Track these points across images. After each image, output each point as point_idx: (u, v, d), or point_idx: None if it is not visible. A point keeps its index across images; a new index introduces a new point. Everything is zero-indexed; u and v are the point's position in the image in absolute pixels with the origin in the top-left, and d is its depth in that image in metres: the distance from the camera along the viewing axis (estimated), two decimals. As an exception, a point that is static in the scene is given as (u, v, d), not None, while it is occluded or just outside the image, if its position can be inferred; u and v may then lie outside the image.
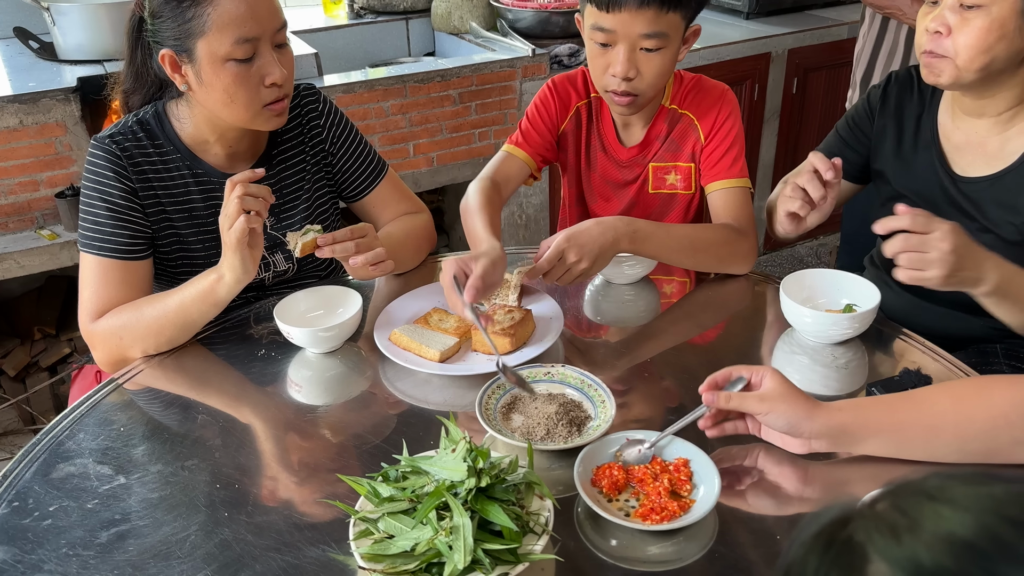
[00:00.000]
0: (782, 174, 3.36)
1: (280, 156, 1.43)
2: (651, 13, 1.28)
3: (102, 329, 1.27)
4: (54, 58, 2.31)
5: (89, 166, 1.30)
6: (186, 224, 1.36)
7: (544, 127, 1.55)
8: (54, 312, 2.52)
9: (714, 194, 1.48)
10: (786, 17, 3.13)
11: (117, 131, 1.32)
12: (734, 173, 1.47)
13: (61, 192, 2.11)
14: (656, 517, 0.90)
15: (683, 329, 1.35)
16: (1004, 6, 1.18)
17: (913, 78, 1.42)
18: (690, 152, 1.51)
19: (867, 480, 0.98)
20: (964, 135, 1.35)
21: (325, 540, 0.92)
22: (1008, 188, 1.30)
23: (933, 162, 1.39)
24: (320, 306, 1.32)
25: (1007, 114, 1.29)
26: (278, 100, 1.27)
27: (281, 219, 1.44)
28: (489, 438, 1.05)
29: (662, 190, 1.56)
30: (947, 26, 1.22)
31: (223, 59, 1.20)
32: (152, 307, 1.26)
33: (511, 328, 1.22)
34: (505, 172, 1.53)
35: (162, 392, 1.22)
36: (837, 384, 1.17)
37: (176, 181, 1.35)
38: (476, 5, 2.74)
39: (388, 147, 2.43)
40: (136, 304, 1.27)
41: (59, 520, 0.97)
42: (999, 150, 1.32)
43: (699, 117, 1.48)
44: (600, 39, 1.34)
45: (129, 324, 1.25)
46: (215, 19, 1.18)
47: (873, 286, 1.26)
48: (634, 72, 1.34)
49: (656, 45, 1.32)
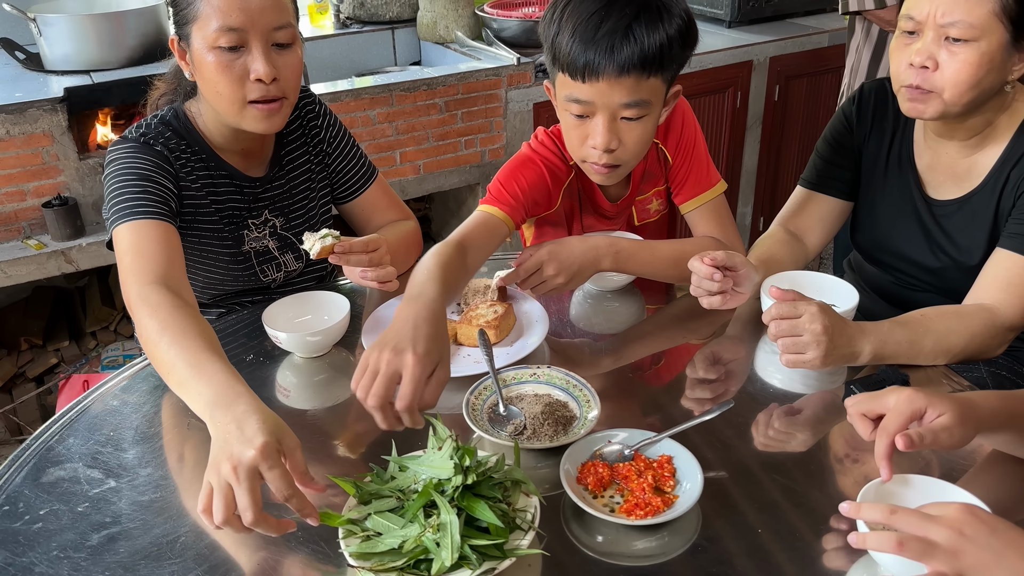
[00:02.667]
0: (765, 180, 3.42)
1: (288, 158, 1.46)
2: (631, 81, 1.19)
3: (140, 315, 1.10)
4: (41, 69, 2.32)
5: (113, 154, 1.28)
6: (203, 220, 1.36)
7: (539, 201, 1.42)
8: (41, 322, 2.52)
9: (692, 213, 1.46)
10: (767, 25, 3.17)
11: (143, 131, 1.31)
12: (705, 185, 1.44)
13: (48, 202, 2.12)
14: (640, 512, 0.92)
15: (667, 331, 1.37)
16: (992, 39, 1.17)
17: (888, 91, 1.40)
18: (663, 175, 1.48)
19: (847, 473, 1.00)
20: (935, 155, 1.36)
21: (314, 539, 0.93)
22: (975, 209, 1.32)
23: (908, 183, 1.40)
24: (308, 311, 1.34)
25: (976, 137, 1.30)
26: (267, 100, 1.25)
27: (290, 220, 1.47)
28: (476, 438, 1.07)
29: (648, 219, 1.54)
30: (934, 60, 1.20)
31: (209, 46, 1.22)
32: (172, 350, 1.04)
33: (495, 321, 1.25)
34: (478, 236, 1.31)
35: (151, 397, 1.22)
36: (816, 382, 1.20)
37: (202, 177, 1.35)
38: (461, 15, 2.77)
39: (375, 155, 2.44)
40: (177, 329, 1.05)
41: (50, 523, 0.97)
42: (967, 172, 1.33)
43: (662, 140, 1.44)
44: (576, 111, 1.24)
45: (150, 340, 1.07)
46: (205, 5, 1.21)
47: (852, 287, 1.29)
48: (616, 143, 1.24)
49: (637, 114, 1.23)
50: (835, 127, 1.47)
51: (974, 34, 1.17)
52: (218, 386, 0.95)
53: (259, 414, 0.89)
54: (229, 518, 0.84)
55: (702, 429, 1.07)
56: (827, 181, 1.47)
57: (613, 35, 1.17)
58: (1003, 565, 0.71)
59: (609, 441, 1.03)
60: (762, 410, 1.14)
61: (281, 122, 1.30)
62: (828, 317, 1.12)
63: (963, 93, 1.20)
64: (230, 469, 0.84)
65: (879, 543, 0.76)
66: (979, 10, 1.16)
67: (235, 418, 0.89)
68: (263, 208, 1.43)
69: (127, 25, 2.29)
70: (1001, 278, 1.23)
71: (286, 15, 1.26)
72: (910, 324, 1.19)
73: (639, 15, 1.18)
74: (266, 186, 1.43)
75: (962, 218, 1.34)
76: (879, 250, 1.47)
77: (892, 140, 1.41)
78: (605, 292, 1.45)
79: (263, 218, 1.44)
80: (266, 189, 1.43)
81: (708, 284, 1.22)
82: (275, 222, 1.45)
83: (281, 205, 1.45)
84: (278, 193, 1.45)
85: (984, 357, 1.23)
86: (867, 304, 1.49)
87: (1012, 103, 1.28)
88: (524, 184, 1.38)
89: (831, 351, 1.12)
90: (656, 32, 1.18)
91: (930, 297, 1.40)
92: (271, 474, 0.84)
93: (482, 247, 1.31)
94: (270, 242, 1.45)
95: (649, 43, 1.17)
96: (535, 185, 1.39)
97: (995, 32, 1.17)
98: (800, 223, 1.48)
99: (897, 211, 1.41)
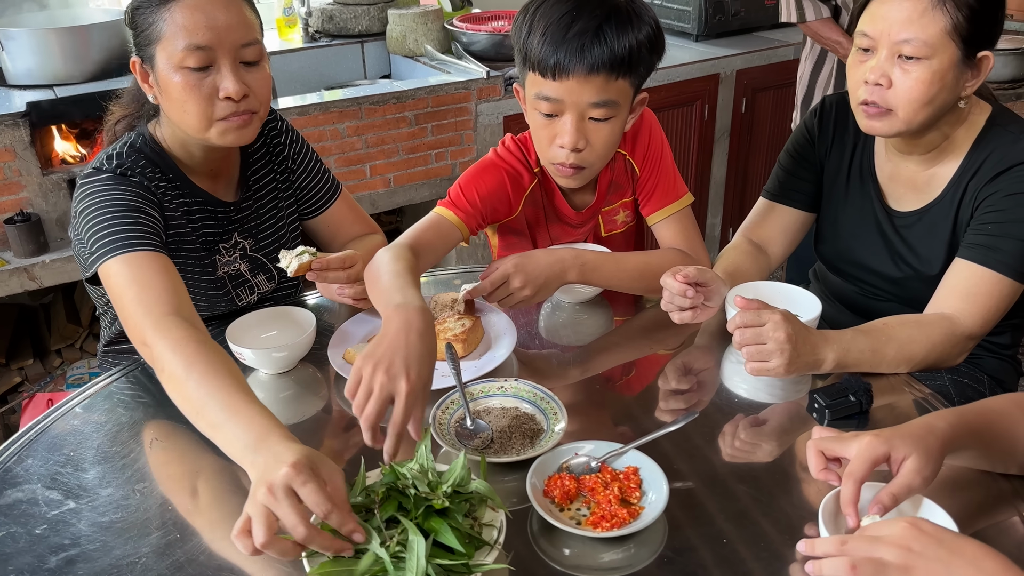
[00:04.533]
0: (733, 191, 3.45)
1: (255, 178, 1.44)
2: (600, 80, 1.21)
3: (161, 349, 1.06)
4: (3, 83, 2.29)
5: (91, 187, 1.23)
6: (175, 247, 1.32)
7: (497, 208, 1.43)
8: (3, 341, 2.47)
9: (658, 225, 1.47)
10: (734, 39, 3.22)
11: (118, 161, 1.26)
12: (672, 197, 1.45)
13: (10, 218, 2.08)
14: (606, 524, 0.92)
15: (636, 342, 1.38)
16: (944, 58, 1.19)
17: (848, 103, 1.41)
18: (630, 186, 1.49)
19: (813, 482, 1.01)
20: (895, 167, 1.38)
21: (278, 560, 0.91)
22: (934, 221, 1.34)
23: (870, 195, 1.42)
24: (272, 326, 1.32)
25: (935, 151, 1.32)
26: (236, 114, 1.24)
27: (259, 241, 1.45)
28: (444, 452, 1.06)
29: (614, 230, 1.54)
30: (887, 78, 1.22)
31: (175, 66, 1.20)
32: (202, 389, 1.01)
33: (463, 334, 1.25)
34: (430, 239, 1.33)
35: (113, 416, 1.20)
36: (781, 392, 1.21)
37: (176, 204, 1.32)
38: (431, 28, 2.78)
39: (344, 168, 2.44)
40: (198, 365, 1.03)
41: (6, 547, 0.95)
42: (927, 184, 1.35)
43: (630, 152, 1.45)
44: (545, 109, 1.26)
45: (175, 377, 1.04)
46: (170, 25, 1.19)
47: (815, 297, 1.30)
48: (583, 143, 1.26)
49: (605, 115, 1.25)
50: (797, 140, 1.49)
51: (927, 52, 1.19)
52: (258, 430, 0.93)
53: (295, 444, 0.89)
54: (270, 539, 0.82)
55: (670, 439, 1.07)
56: (789, 193, 1.49)
57: (583, 35, 1.20)
58: (953, 573, 0.73)
59: (576, 453, 1.03)
60: (728, 420, 1.14)
61: (252, 134, 1.28)
62: (792, 325, 1.13)
63: (916, 111, 1.22)
64: (265, 492, 0.83)
65: (834, 569, 0.78)
66: (932, 28, 1.18)
67: (272, 452, 0.88)
68: (233, 231, 1.42)
69: (91, 39, 2.27)
70: (960, 288, 1.25)
71: (253, 32, 1.25)
72: (872, 333, 1.20)
73: (609, 18, 1.21)
74: (238, 209, 1.41)
75: (922, 229, 1.36)
76: (842, 261, 1.49)
77: (853, 153, 1.43)
78: (574, 304, 1.46)
79: (232, 241, 1.42)
80: (238, 212, 1.41)
81: (680, 300, 1.23)
82: (244, 244, 1.43)
83: (250, 227, 1.44)
84: (248, 215, 1.43)
85: (945, 366, 1.25)
86: (831, 313, 1.51)
87: (968, 116, 1.30)
88: (483, 190, 1.39)
89: (795, 359, 1.13)
90: (625, 35, 1.21)
91: (892, 306, 1.42)
92: (305, 489, 0.82)
93: (433, 251, 1.33)
94: (241, 265, 1.43)
95: (619, 45, 1.20)
96: (494, 192, 1.41)
97: (947, 50, 1.19)
98: (763, 234, 1.50)
99: (859, 222, 1.43)
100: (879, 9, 1.22)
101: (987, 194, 1.26)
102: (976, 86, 1.24)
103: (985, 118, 1.30)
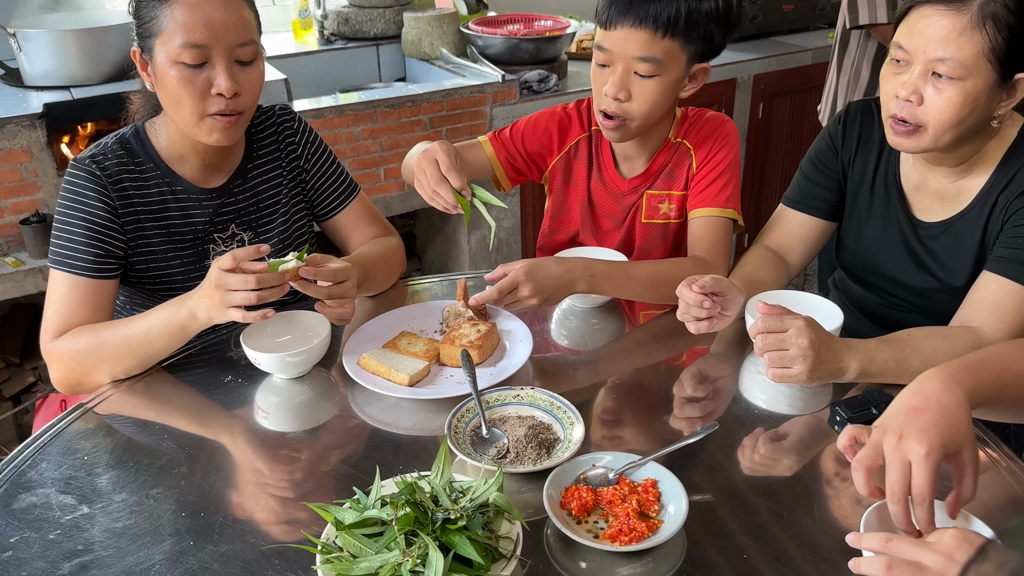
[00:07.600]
0: (749, 197, 3.43)
1: (256, 171, 1.44)
2: (645, 35, 1.29)
3: (60, 350, 1.26)
4: (20, 84, 2.30)
5: (68, 186, 1.30)
6: (163, 240, 1.36)
7: (532, 144, 1.56)
8: (18, 341, 2.48)
9: (694, 221, 1.47)
10: (751, 43, 3.20)
11: (98, 151, 1.33)
12: (719, 202, 1.45)
13: (26, 219, 2.09)
14: (625, 538, 0.90)
15: (651, 350, 1.37)
16: (979, 80, 1.16)
17: (874, 112, 1.40)
18: (684, 180, 1.50)
19: (836, 497, 0.99)
20: (922, 178, 1.36)
21: (292, 568, 0.91)
22: (961, 232, 1.32)
23: (894, 204, 1.39)
24: (288, 331, 1.32)
25: (965, 164, 1.30)
26: (225, 113, 1.26)
27: (260, 234, 1.45)
28: (459, 462, 1.05)
29: (655, 219, 1.54)
30: (919, 95, 1.19)
31: (172, 61, 1.23)
32: (114, 333, 1.24)
33: (478, 341, 1.24)
34: (466, 156, 1.49)
35: (128, 419, 1.20)
36: (802, 403, 1.19)
37: (155, 197, 1.35)
38: (446, 32, 2.77)
39: (359, 171, 2.43)
40: (97, 328, 1.26)
41: (20, 552, 0.95)
42: (955, 195, 1.33)
43: (696, 146, 1.48)
44: (600, 59, 1.36)
45: (88, 349, 1.24)
46: (169, 21, 1.21)
47: (836, 307, 1.28)
48: (625, 94, 1.34)
49: (649, 71, 1.32)
50: (820, 147, 1.47)
51: (962, 73, 1.16)
52: (168, 305, 1.22)
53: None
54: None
55: (688, 452, 1.06)
56: (810, 200, 1.47)
57: None
58: None
59: (593, 465, 1.01)
60: (748, 432, 1.13)
61: (236, 135, 1.31)
62: (815, 332, 1.11)
63: (945, 131, 1.20)
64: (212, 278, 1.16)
65: (871, 568, 0.78)
66: (969, 49, 1.15)
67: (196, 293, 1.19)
68: (229, 221, 1.42)
69: (108, 41, 2.27)
70: (988, 301, 1.22)
71: (249, 32, 1.27)
72: (897, 343, 1.18)
73: None
74: (224, 197, 1.41)
75: (948, 240, 1.34)
76: (864, 270, 1.47)
77: (879, 161, 1.41)
78: (587, 308, 1.44)
79: (230, 232, 1.42)
80: (225, 200, 1.41)
81: (697, 311, 1.22)
82: (243, 236, 1.43)
83: (249, 219, 1.43)
84: (243, 206, 1.43)
85: None
86: (852, 323, 1.49)
87: (1001, 129, 1.28)
88: (527, 127, 1.56)
89: (817, 366, 1.11)
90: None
91: (915, 318, 1.40)
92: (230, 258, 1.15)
93: (466, 159, 1.47)
94: None
95: (669, 5, 1.29)
96: (536, 129, 1.56)
97: (982, 72, 1.16)
98: (782, 242, 1.48)
99: (883, 232, 1.41)
100: (917, 23, 1.19)
101: (1018, 207, 1.24)
102: (1010, 106, 1.21)
103: (1017, 130, 1.27)
